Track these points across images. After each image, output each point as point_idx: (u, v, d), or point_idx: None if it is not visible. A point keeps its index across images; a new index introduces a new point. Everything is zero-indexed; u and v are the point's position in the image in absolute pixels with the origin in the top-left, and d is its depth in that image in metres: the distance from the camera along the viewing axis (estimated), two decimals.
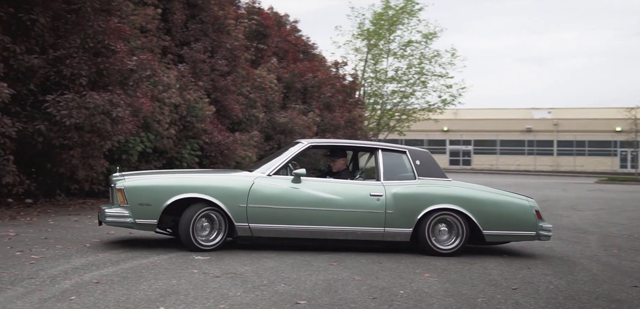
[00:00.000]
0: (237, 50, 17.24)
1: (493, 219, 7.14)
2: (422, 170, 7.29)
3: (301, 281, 5.49)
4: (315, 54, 26.29)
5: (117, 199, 6.47)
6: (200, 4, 16.17)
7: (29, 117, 9.95)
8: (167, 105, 13.37)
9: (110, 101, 10.19)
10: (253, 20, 20.71)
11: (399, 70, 33.30)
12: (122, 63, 11.12)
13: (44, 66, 9.95)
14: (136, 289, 4.87)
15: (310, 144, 7.28)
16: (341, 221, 6.87)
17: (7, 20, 9.60)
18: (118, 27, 11.22)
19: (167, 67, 14.25)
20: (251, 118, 17.86)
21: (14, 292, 4.55)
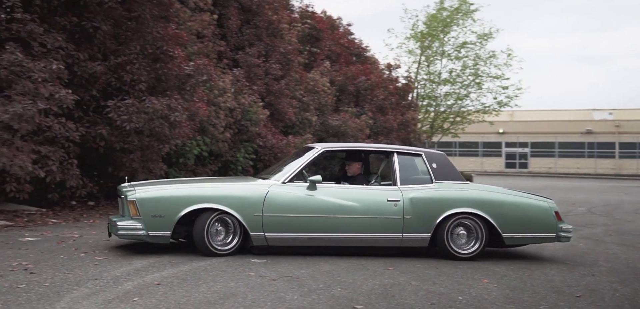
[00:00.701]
0: (291, 54, 17.36)
1: (512, 222, 6.98)
2: (439, 173, 7.13)
3: (357, 285, 5.46)
4: (368, 57, 26.21)
5: (128, 210, 6.29)
6: (254, 9, 16.37)
7: (92, 122, 10.27)
8: (222, 109, 13.57)
9: (168, 106, 10.41)
10: (306, 24, 20.82)
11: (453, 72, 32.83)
12: (180, 68, 11.36)
13: (105, 72, 10.27)
14: (196, 291, 4.95)
15: (324, 150, 7.15)
16: (358, 227, 6.71)
17: (71, 28, 9.95)
18: (176, 34, 11.47)
19: (222, 71, 14.48)
20: (304, 121, 17.94)
21: (80, 293, 4.69)
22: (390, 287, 5.47)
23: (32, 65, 8.50)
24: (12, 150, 8.35)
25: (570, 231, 7.24)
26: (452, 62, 32.99)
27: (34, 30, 9.01)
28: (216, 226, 6.42)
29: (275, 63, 16.54)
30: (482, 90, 33.03)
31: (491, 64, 32.90)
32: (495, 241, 7.06)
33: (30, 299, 4.42)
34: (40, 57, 8.94)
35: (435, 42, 32.72)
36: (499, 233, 6.94)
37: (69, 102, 8.91)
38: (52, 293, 4.62)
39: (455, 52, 32.86)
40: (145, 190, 6.39)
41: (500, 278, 6.08)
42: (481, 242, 6.93)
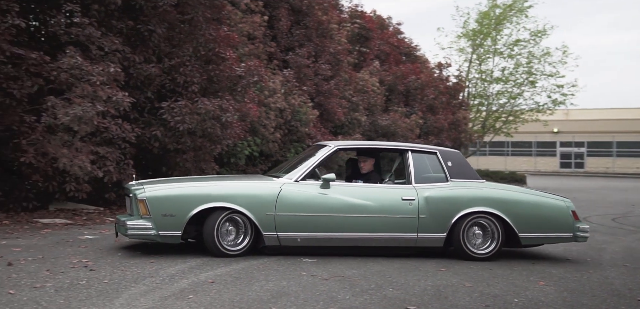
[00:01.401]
0: (340, 55, 17.38)
1: (529, 221, 6.83)
2: (454, 171, 6.97)
3: (409, 286, 5.41)
4: (417, 56, 25.99)
5: (138, 210, 6.12)
6: (304, 9, 16.46)
7: (147, 124, 10.53)
8: (272, 110, 13.70)
9: (220, 107, 10.57)
10: (356, 24, 20.80)
11: (506, 70, 32.15)
12: (231, 70, 11.53)
13: (160, 74, 10.51)
14: (249, 290, 5.01)
15: (337, 147, 7.01)
16: (373, 227, 6.57)
17: (127, 32, 10.23)
18: (227, 35, 11.64)
19: (273, 72, 14.61)
20: (353, 121, 17.92)
21: (137, 290, 4.81)
22: (443, 288, 5.40)
23: (90, 68, 8.76)
24: (72, 151, 8.64)
25: (588, 231, 7.09)
26: (505, 60, 32.30)
27: (92, 34, 9.29)
28: (226, 226, 6.27)
29: (325, 63, 16.58)
30: (536, 88, 32.23)
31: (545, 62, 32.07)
32: (510, 240, 6.91)
33: (90, 296, 4.55)
34: (98, 60, 9.21)
35: (487, 40, 32.12)
36: (515, 232, 6.79)
37: (126, 104, 9.15)
38: (111, 290, 4.75)
39: (508, 50, 32.16)
40: (155, 189, 6.25)
41: (558, 281, 5.92)
42: (497, 242, 6.78)
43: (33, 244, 6.57)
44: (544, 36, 32.16)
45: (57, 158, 8.49)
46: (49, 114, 8.51)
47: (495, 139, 37.56)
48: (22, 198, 9.25)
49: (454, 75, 28.07)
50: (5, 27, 8.28)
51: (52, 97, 8.58)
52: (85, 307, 4.27)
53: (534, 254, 7.47)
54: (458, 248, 6.75)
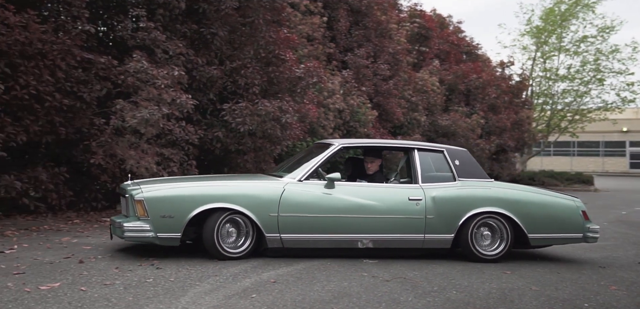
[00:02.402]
0: (399, 54, 17.25)
1: (538, 221, 6.62)
2: (462, 170, 6.76)
3: (473, 289, 5.30)
4: (479, 55, 25.50)
5: (135, 211, 5.86)
6: (363, 10, 16.43)
7: (209, 125, 10.73)
8: (331, 110, 13.72)
9: (280, 108, 10.67)
10: (415, 23, 20.60)
11: (572, 67, 31.11)
12: (291, 71, 11.62)
13: (221, 77, 10.69)
14: (310, 290, 5.02)
15: (342, 145, 6.70)
16: (379, 228, 6.34)
17: (191, 35, 10.46)
18: (287, 37, 11.73)
19: (331, 73, 14.64)
20: (413, 121, 17.75)
21: (202, 288, 4.90)
22: (509, 291, 5.26)
23: (156, 72, 9.00)
24: (138, 152, 8.90)
25: (598, 232, 6.89)
26: (571, 57, 31.26)
27: (157, 38, 9.55)
28: (227, 227, 6.02)
29: (384, 63, 16.49)
30: (603, 86, 31.05)
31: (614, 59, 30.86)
32: (519, 241, 6.71)
33: (157, 293, 4.67)
34: (163, 64, 9.46)
35: (552, 37, 31.17)
36: (524, 233, 6.59)
37: (189, 106, 9.35)
38: (176, 288, 4.86)
39: (574, 47, 31.12)
40: (153, 189, 5.97)
41: (630, 285, 5.68)
42: (506, 243, 6.58)
43: (102, 243, 6.79)
44: (612, 32, 30.98)
45: (124, 159, 8.76)
46: (117, 116, 8.79)
47: (561, 139, 36.42)
48: (92, 198, 9.59)
49: (516, 73, 27.43)
50: (76, 33, 8.62)
51: (120, 100, 8.87)
52: (153, 304, 4.38)
53: (602, 258, 7.19)
54: (466, 249, 6.54)
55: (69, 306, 4.22)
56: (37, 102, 8.12)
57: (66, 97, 8.47)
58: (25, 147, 8.64)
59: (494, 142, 21.44)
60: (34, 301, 4.27)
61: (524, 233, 6.59)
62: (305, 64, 12.19)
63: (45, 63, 8.13)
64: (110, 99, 9.18)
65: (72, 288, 4.68)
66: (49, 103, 8.19)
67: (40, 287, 4.63)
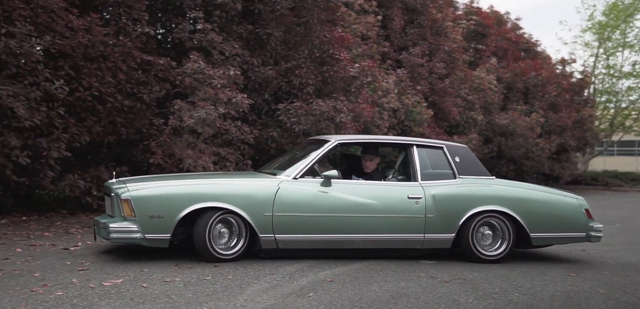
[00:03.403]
0: (455, 52, 16.98)
1: (541, 220, 6.39)
2: (462, 168, 6.49)
3: (536, 292, 5.13)
4: (538, 52, 24.84)
5: (121, 210, 5.54)
6: (418, 8, 16.25)
7: (264, 125, 10.81)
8: (386, 110, 13.62)
9: (335, 107, 10.65)
10: (471, 20, 20.24)
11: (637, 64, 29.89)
12: (345, 71, 11.59)
13: (276, 77, 10.76)
14: (367, 289, 4.96)
15: (338, 142, 6.44)
16: (377, 228, 6.08)
17: (246, 36, 10.57)
18: (342, 37, 11.71)
19: (386, 72, 14.53)
20: (469, 121, 17.45)
21: (259, 286, 4.91)
22: (575, 295, 5.06)
23: (212, 72, 9.13)
24: (196, 152, 9.04)
25: (601, 231, 6.66)
26: (636, 53, 30.05)
27: (214, 39, 9.69)
28: (219, 228, 5.73)
29: (439, 62, 16.27)
30: None
31: None
32: (520, 241, 6.46)
33: (216, 291, 4.71)
34: (219, 64, 9.59)
35: (616, 32, 30.03)
36: (526, 232, 6.34)
37: (245, 106, 9.45)
38: (234, 286, 4.88)
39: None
40: (139, 187, 5.66)
41: None
42: (508, 242, 6.33)
43: None
44: None
45: (182, 159, 8.91)
46: (176, 117, 8.96)
47: (625, 138, 35.03)
48: None
49: (578, 71, 26.57)
50: (136, 35, 8.82)
51: (178, 100, 9.03)
52: (212, 302, 4.41)
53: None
54: (467, 249, 6.30)
55: (131, 302, 4.30)
56: (99, 104, 8.35)
57: (127, 99, 8.69)
58: (88, 148, 8.91)
59: (554, 142, 20.83)
60: (98, 297, 4.37)
61: (526, 232, 6.36)
62: (359, 63, 12.14)
63: (107, 65, 8.36)
64: (169, 100, 9.37)
65: (134, 284, 4.77)
66: (110, 104, 8.42)
67: (103, 283, 4.74)
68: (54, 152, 7.73)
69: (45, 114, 7.64)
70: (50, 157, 7.71)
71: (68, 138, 8.00)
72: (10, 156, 7.32)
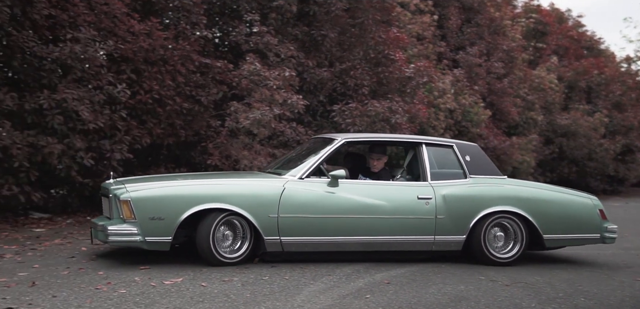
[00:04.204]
0: (514, 51, 16.62)
1: (554, 221, 6.16)
2: (473, 167, 6.25)
3: (603, 297, 4.94)
4: (601, 50, 24.02)
5: (119, 212, 5.33)
6: (476, 7, 15.99)
7: (319, 126, 10.83)
8: (442, 110, 13.44)
9: (390, 108, 10.58)
10: (531, 18, 19.77)
11: None
12: (400, 71, 11.51)
13: (331, 78, 10.77)
14: (425, 292, 4.88)
15: (345, 140, 6.23)
16: (386, 229, 5.84)
17: (302, 38, 10.62)
18: (397, 37, 11.63)
19: (442, 72, 14.35)
20: (529, 121, 17.04)
21: (316, 287, 4.91)
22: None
23: (268, 74, 9.22)
24: (252, 153, 9.13)
25: (616, 232, 6.40)
26: None
27: (270, 41, 9.78)
28: (222, 230, 5.50)
29: (498, 61, 15.95)
30: None
31: None
32: (533, 243, 6.20)
33: (273, 291, 4.73)
34: (274, 66, 9.67)
35: None
36: (539, 233, 6.10)
37: (300, 107, 9.49)
38: (291, 286, 4.89)
39: None
40: (139, 188, 5.43)
41: None
42: (521, 244, 6.10)
43: None
44: None
45: (239, 160, 9.02)
46: (232, 118, 9.08)
47: None
48: None
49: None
50: (194, 39, 8.99)
51: (234, 102, 9.15)
52: (270, 302, 4.43)
53: None
54: (478, 251, 6.06)
55: (191, 300, 4.37)
56: (159, 106, 8.55)
57: (186, 101, 8.86)
58: (149, 149, 9.13)
59: (619, 143, 20.07)
60: (159, 295, 4.46)
61: (539, 234, 6.13)
62: (415, 64, 12.04)
63: (166, 68, 8.55)
64: (225, 102, 9.51)
65: (194, 283, 4.85)
66: (170, 107, 8.60)
67: (164, 282, 4.83)
68: (117, 154, 7.95)
69: (108, 117, 7.86)
70: (113, 159, 7.93)
71: (130, 140, 8.22)
72: (76, 158, 7.57)
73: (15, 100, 7.21)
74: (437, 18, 15.13)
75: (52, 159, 7.30)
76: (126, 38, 8.19)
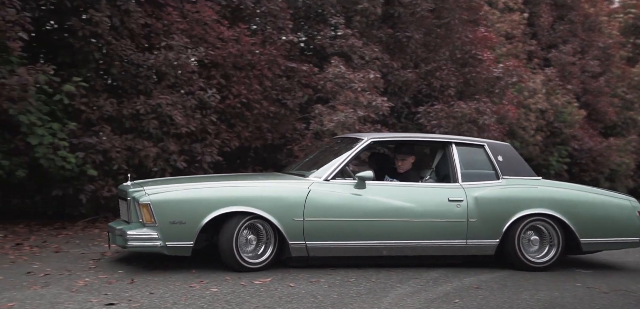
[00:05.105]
0: (611, 49, 15.84)
1: (592, 224, 5.89)
2: (506, 167, 5.96)
3: None
4: None
5: (139, 216, 5.16)
6: (569, 3, 15.39)
7: (404, 128, 10.74)
8: (532, 111, 13.00)
9: (477, 109, 10.34)
10: (629, 14, 18.74)
11: None
12: (488, 71, 11.23)
13: (416, 80, 10.66)
14: (517, 298, 4.73)
15: (371, 140, 5.95)
16: (416, 233, 5.57)
17: (386, 40, 10.58)
18: (485, 36, 11.36)
19: (533, 72, 13.88)
20: (627, 121, 16.18)
21: (403, 290, 4.87)
22: None
23: (353, 76, 9.24)
24: None
25: None
26: None
27: (354, 44, 9.81)
28: (245, 234, 5.30)
29: (593, 59, 15.25)
30: None
31: None
32: (569, 247, 5.91)
33: (360, 293, 4.73)
34: (359, 69, 9.68)
35: None
36: (575, 237, 5.82)
37: (385, 109, 9.44)
38: (378, 288, 4.88)
39: None
40: (159, 190, 5.25)
41: None
42: (557, 248, 5.83)
43: None
44: None
45: None
46: (317, 121, 9.17)
47: None
48: None
49: None
50: (281, 43, 9.16)
51: (319, 105, 9.24)
52: (356, 303, 4.44)
53: None
54: (512, 256, 5.78)
55: (279, 300, 4.45)
56: (247, 110, 8.77)
57: (272, 105, 9.04)
58: (237, 152, 9.38)
59: None
60: (249, 294, 4.57)
61: (576, 237, 5.82)
62: (503, 63, 11.72)
63: (254, 73, 8.76)
64: (310, 105, 9.61)
65: (282, 283, 4.93)
66: (257, 110, 8.80)
67: (254, 281, 4.94)
68: (208, 157, 8.21)
69: (200, 121, 8.14)
70: (204, 161, 8.20)
71: (219, 143, 8.47)
72: (169, 160, 7.89)
73: (114, 106, 7.61)
74: (527, 16, 14.64)
75: (148, 162, 7.64)
76: (216, 44, 8.46)
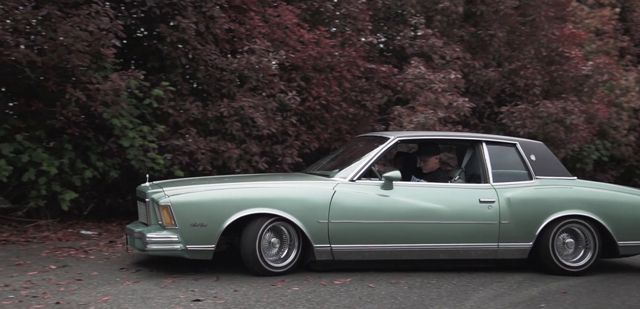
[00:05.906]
0: None
1: (630, 226, 5.63)
2: (539, 167, 5.73)
3: None
4: None
5: (158, 218, 5.03)
6: None
7: (486, 129, 10.50)
8: (625, 110, 12.40)
9: (564, 109, 9.98)
10: None
11: None
12: (577, 69, 10.85)
13: (499, 79, 10.41)
14: (607, 304, 4.55)
15: (399, 139, 5.67)
16: (445, 236, 5.34)
17: (468, 39, 10.39)
18: (573, 33, 10.97)
19: (625, 69, 13.21)
20: None
21: (485, 293, 4.78)
22: None
23: (433, 76, 9.14)
24: None
25: None
26: None
27: (434, 44, 9.70)
28: (268, 237, 5.13)
29: None
30: None
31: None
32: (605, 250, 5.65)
33: (441, 295, 4.68)
34: (439, 69, 9.56)
35: None
36: (613, 240, 5.56)
37: (466, 109, 9.28)
38: (459, 291, 4.81)
39: None
40: (180, 192, 5.09)
41: None
42: (593, 252, 5.57)
43: None
44: None
45: None
46: (396, 122, 9.12)
47: None
48: None
49: None
50: (360, 45, 9.19)
51: (398, 106, 9.20)
52: (438, 306, 4.40)
53: None
54: (546, 260, 5.53)
55: (359, 300, 4.48)
56: (326, 112, 8.85)
57: (351, 106, 9.08)
58: (317, 154, 9.47)
59: None
60: (329, 294, 4.62)
61: (613, 240, 5.56)
62: (593, 61, 11.24)
63: (333, 75, 8.83)
64: (390, 106, 9.58)
65: (362, 283, 4.96)
66: (336, 112, 8.87)
67: (334, 281, 4.99)
68: (288, 158, 8.35)
69: (280, 123, 8.30)
70: (285, 163, 8.35)
71: (299, 145, 8.60)
72: (251, 161, 8.08)
73: (199, 109, 7.89)
74: (619, 11, 13.96)
75: (231, 163, 7.86)
76: (296, 47, 8.59)
